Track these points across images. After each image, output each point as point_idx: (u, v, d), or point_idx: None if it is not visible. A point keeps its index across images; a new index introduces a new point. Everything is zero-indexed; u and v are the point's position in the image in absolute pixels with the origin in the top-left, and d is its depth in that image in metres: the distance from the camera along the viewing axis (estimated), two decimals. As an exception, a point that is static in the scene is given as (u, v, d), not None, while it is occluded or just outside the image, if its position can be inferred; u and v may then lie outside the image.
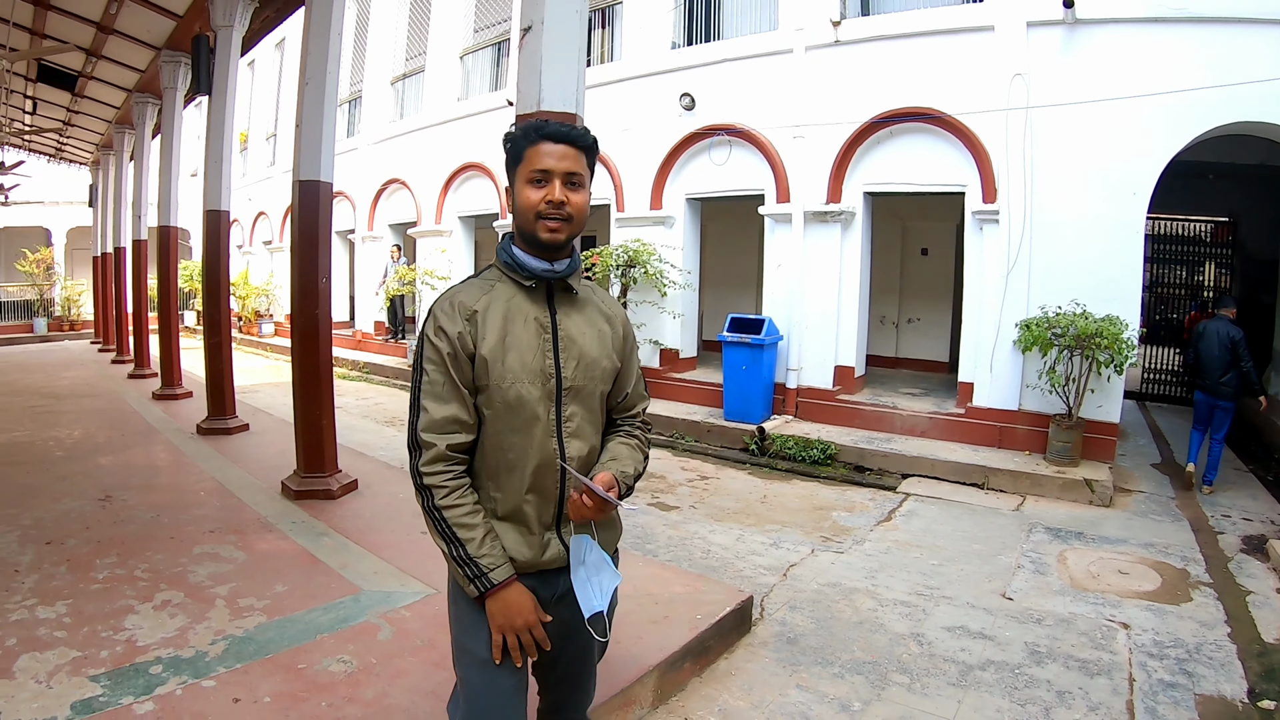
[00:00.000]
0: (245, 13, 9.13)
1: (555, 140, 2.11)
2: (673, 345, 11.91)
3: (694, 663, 3.71)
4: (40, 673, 3.50)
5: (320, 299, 6.24)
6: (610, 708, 3.20)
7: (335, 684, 3.38)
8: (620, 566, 4.22)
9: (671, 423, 10.29)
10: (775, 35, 10.62)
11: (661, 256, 11.41)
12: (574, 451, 2.17)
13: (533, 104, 3.79)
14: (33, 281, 27.64)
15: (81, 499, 6.21)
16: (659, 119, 11.71)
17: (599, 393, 2.24)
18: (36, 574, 4.64)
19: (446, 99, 16.57)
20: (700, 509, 7.06)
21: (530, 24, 3.80)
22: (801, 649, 4.15)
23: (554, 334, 2.18)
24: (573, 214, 2.12)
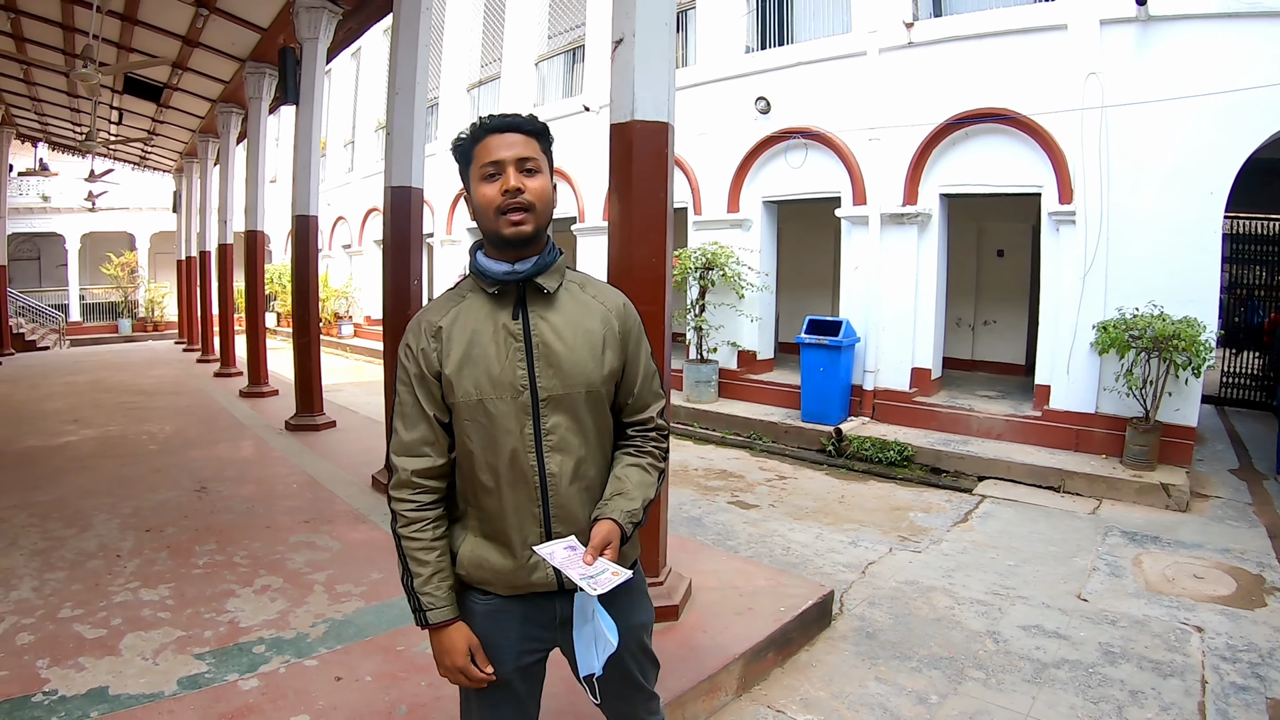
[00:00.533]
0: (329, 25, 9.48)
1: (500, 131, 2.05)
2: (750, 347, 12.02)
3: (777, 653, 3.87)
4: (146, 650, 3.77)
5: (412, 301, 6.50)
6: (697, 694, 3.38)
7: (432, 665, 3.50)
8: (704, 560, 4.53)
9: (749, 423, 10.41)
10: (849, 38, 10.67)
11: (739, 259, 11.52)
12: (555, 467, 2.06)
13: (626, 113, 3.99)
14: (117, 284, 29.03)
15: (177, 490, 6.62)
16: (734, 122, 11.82)
17: (588, 399, 2.10)
18: (138, 559, 5.01)
19: (523, 105, 16.68)
20: (779, 508, 7.22)
21: (621, 36, 4.01)
22: (880, 643, 4.29)
23: (526, 342, 2.07)
24: (534, 201, 2.02)
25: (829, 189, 11.03)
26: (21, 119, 19.88)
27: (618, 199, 4.12)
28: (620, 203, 4.09)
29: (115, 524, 5.70)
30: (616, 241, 4.15)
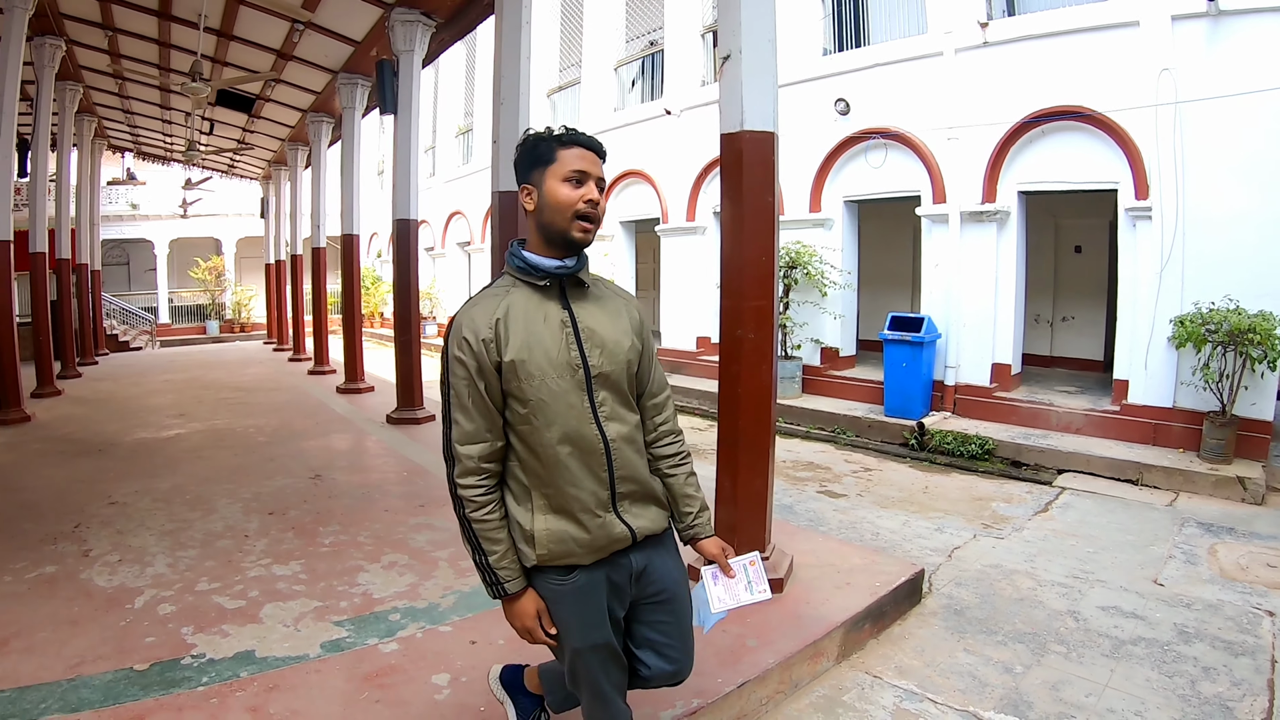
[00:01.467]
0: (424, 38, 9.87)
1: (587, 148, 2.28)
2: (833, 344, 12.28)
3: (872, 625, 4.18)
4: (286, 619, 4.11)
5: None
6: (802, 657, 3.70)
7: None
8: (802, 541, 4.98)
9: (833, 418, 10.69)
10: (924, 39, 10.85)
11: (822, 257, 11.76)
12: (613, 433, 2.31)
13: (736, 124, 4.29)
14: (205, 287, 30.17)
15: (293, 477, 7.07)
16: (814, 124, 12.05)
17: (627, 375, 2.37)
18: (265, 539, 5.43)
19: (603, 109, 17.14)
20: (866, 497, 7.55)
21: (729, 53, 4.30)
22: (967, 619, 4.59)
23: (574, 327, 2.30)
24: (600, 216, 2.31)
25: (908, 188, 11.20)
26: (113, 131, 20.78)
27: (729, 203, 4.42)
28: (731, 206, 4.40)
29: (238, 508, 6.15)
30: (729, 242, 4.45)
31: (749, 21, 4.27)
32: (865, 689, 3.78)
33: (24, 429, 9.89)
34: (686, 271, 15.17)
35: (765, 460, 4.38)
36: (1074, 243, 12.77)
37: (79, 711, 3.28)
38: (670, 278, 15.76)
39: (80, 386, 14.22)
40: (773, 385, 4.42)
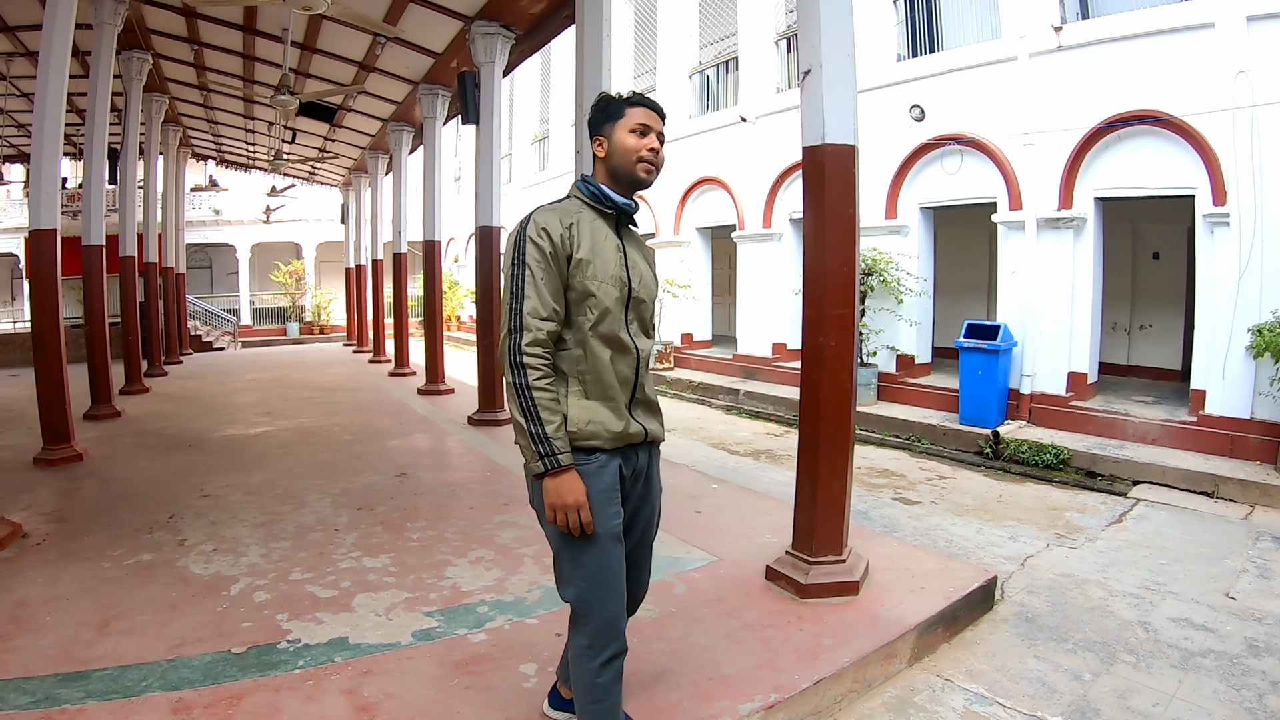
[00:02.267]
0: (504, 49, 10.09)
1: (650, 108, 2.70)
2: (908, 351, 12.31)
3: (945, 629, 4.27)
4: (378, 608, 4.27)
5: None
6: (876, 658, 3.80)
7: (643, 626, 3.94)
8: (877, 545, 5.23)
9: (908, 425, 10.74)
10: (998, 43, 10.84)
11: (898, 264, 11.83)
12: (643, 346, 2.71)
13: (817, 138, 4.43)
14: (285, 290, 31.03)
15: (379, 474, 7.30)
16: (890, 130, 12.09)
17: (651, 306, 2.78)
18: (355, 532, 5.61)
19: (679, 116, 17.23)
20: (940, 505, 7.63)
21: (810, 67, 4.43)
22: (1038, 627, 4.64)
23: (624, 253, 2.69)
24: (660, 163, 2.73)
25: (984, 194, 11.20)
26: (197, 140, 21.67)
27: (811, 214, 4.56)
28: (814, 217, 4.54)
29: (327, 502, 6.38)
30: (811, 252, 4.58)
31: (829, 37, 4.39)
32: (936, 691, 3.86)
33: (115, 424, 10.35)
34: (763, 278, 15.23)
35: (844, 464, 4.52)
36: (1152, 249, 12.59)
37: (180, 690, 3.48)
38: (746, 284, 15.83)
39: (167, 384, 14.78)
40: (853, 391, 4.54)
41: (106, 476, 7.51)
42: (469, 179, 25.72)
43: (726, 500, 6.46)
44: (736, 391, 14.12)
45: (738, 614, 4.13)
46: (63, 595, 4.59)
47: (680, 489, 6.65)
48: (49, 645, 3.95)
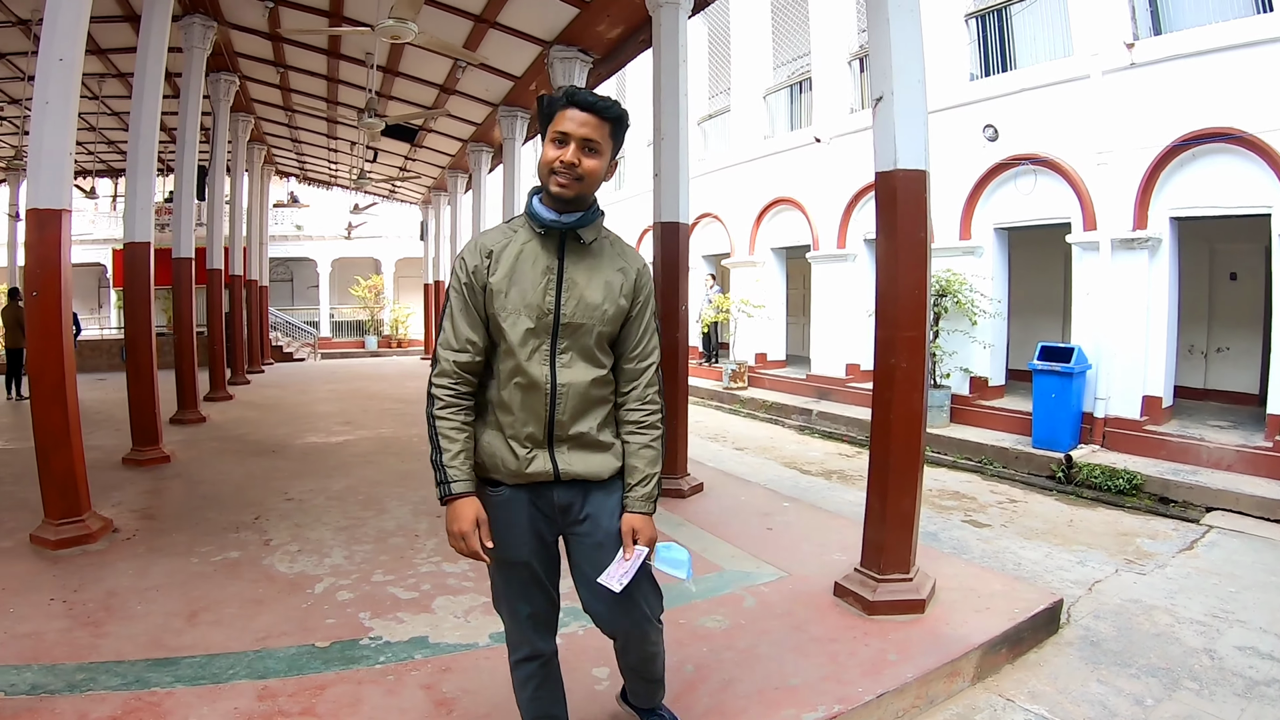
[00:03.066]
0: (582, 73, 10.33)
1: (581, 108, 2.42)
2: (982, 373, 12.23)
3: (1009, 650, 4.32)
4: (457, 610, 4.44)
5: (680, 324, 7.23)
6: (939, 674, 3.88)
7: (713, 635, 4.16)
8: (945, 565, 5.26)
9: (980, 448, 10.70)
10: (1070, 61, 10.80)
11: (972, 286, 11.78)
12: (565, 379, 2.52)
13: (890, 163, 4.55)
14: (364, 304, 31.63)
15: None
16: (963, 150, 12.08)
17: (598, 332, 2.55)
18: (435, 538, 5.76)
19: (753, 137, 17.41)
20: (1010, 528, 7.65)
21: (881, 94, 4.57)
22: (1102, 651, 4.66)
23: (559, 276, 2.51)
24: (584, 175, 2.43)
25: (1058, 214, 11.13)
26: (281, 158, 22.53)
27: (884, 238, 4.68)
28: (886, 241, 4.66)
29: (407, 509, 6.55)
30: (883, 275, 4.69)
31: (900, 64, 4.52)
32: (997, 710, 3.90)
33: (200, 428, 10.81)
34: (837, 298, 15.24)
35: (914, 483, 4.61)
36: (1229, 269, 12.32)
37: (265, 679, 3.68)
38: (820, 305, 15.84)
39: (249, 392, 15.30)
40: (923, 412, 4.63)
41: (192, 478, 7.87)
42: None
43: (797, 518, 6.56)
44: (810, 412, 14.15)
45: (805, 628, 4.25)
46: (152, 587, 4.88)
47: (752, 506, 6.82)
48: (139, 633, 4.20)
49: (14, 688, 3.59)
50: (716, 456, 10.08)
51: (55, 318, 5.79)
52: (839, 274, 15.24)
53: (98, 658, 3.91)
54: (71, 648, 4.04)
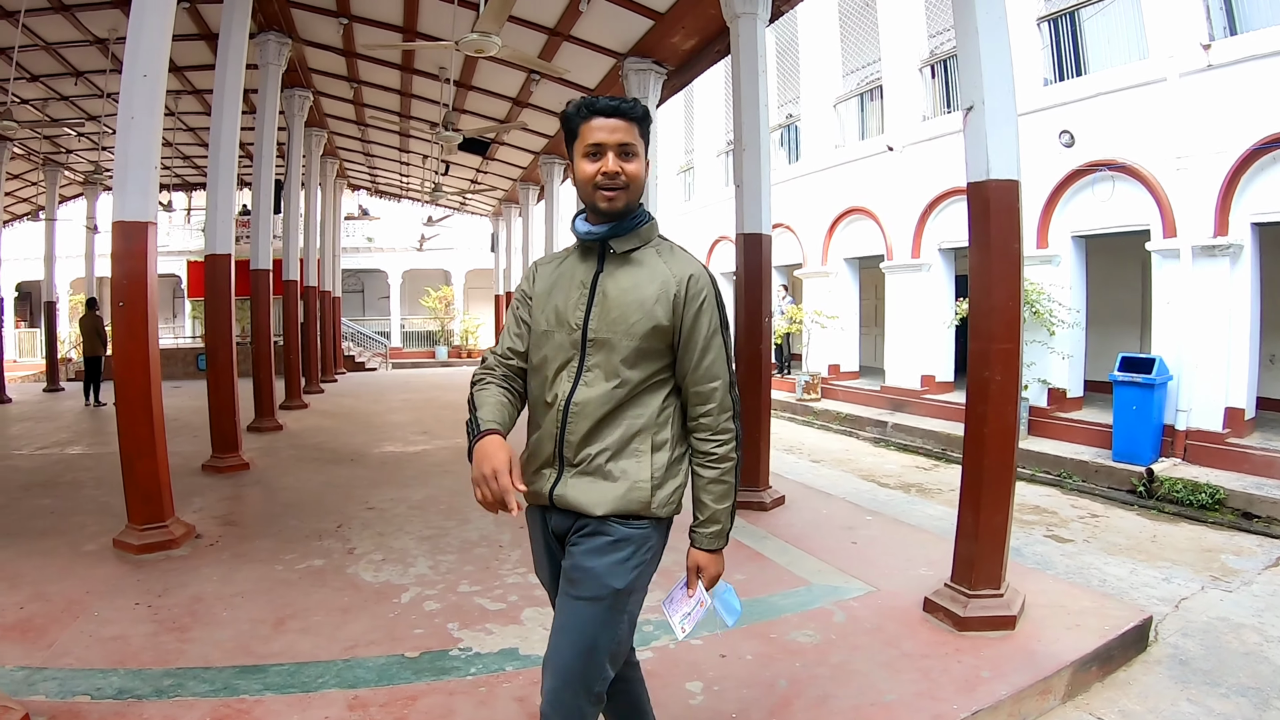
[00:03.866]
0: (656, 85, 10.51)
1: (606, 115, 2.31)
2: (1060, 385, 12.09)
3: (1099, 668, 4.33)
4: (545, 622, 4.24)
5: (764, 335, 7.32)
6: (1031, 692, 3.90)
7: (804, 650, 4.18)
8: (1033, 582, 5.30)
9: (1059, 462, 10.58)
10: (1146, 64, 10.68)
11: (1050, 295, 11.66)
12: (581, 398, 2.35)
13: (981, 173, 4.58)
14: (434, 315, 32.27)
15: None
16: (1038, 157, 11.88)
17: (629, 348, 2.33)
18: (519, 549, 5.73)
19: (824, 146, 17.40)
20: (1093, 543, 7.62)
21: (972, 104, 4.60)
22: (1191, 670, 4.65)
23: (591, 290, 2.39)
24: (628, 182, 2.33)
25: (1137, 221, 11.00)
26: (352, 171, 23.08)
27: (976, 250, 4.70)
28: (978, 252, 4.68)
29: (489, 520, 6.46)
30: (976, 287, 4.72)
31: (990, 74, 4.56)
32: None
33: (277, 436, 11.11)
34: (911, 309, 15.17)
35: (1006, 498, 4.64)
36: (1313, 276, 12.01)
37: (356, 688, 3.73)
38: (895, 315, 15.78)
39: (324, 401, 15.64)
40: (1016, 425, 4.66)
41: (272, 485, 8.09)
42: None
43: (880, 532, 6.59)
44: (884, 424, 14.12)
45: (896, 643, 4.29)
46: (238, 593, 5.01)
47: (834, 520, 6.87)
48: (226, 639, 4.30)
49: (100, 691, 3.70)
50: (794, 469, 10.13)
51: (142, 327, 5.96)
52: (913, 284, 15.17)
53: (185, 663, 4.01)
54: (158, 652, 4.14)
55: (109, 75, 12.76)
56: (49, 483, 8.27)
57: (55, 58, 12.57)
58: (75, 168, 20.37)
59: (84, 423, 13.27)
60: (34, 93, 13.73)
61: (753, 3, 7.46)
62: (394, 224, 33.24)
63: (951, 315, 13.70)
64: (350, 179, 24.64)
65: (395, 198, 26.50)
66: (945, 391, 14.75)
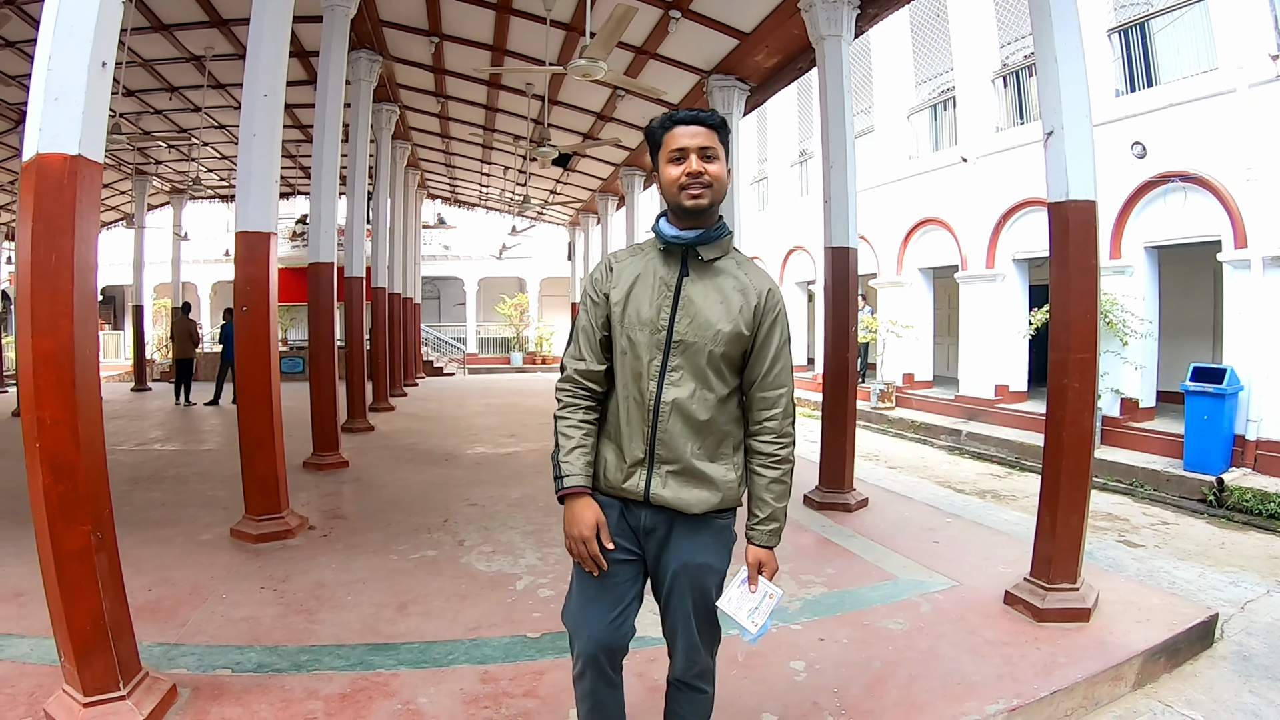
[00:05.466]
0: (740, 101, 10.86)
1: (687, 124, 2.46)
2: (1132, 395, 12.17)
3: (1167, 660, 4.58)
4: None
5: (850, 344, 7.57)
6: (1104, 678, 4.18)
7: (894, 636, 4.48)
8: (1105, 580, 5.63)
9: (1131, 471, 10.73)
10: (1216, 76, 10.77)
11: (1123, 306, 11.75)
12: (669, 396, 2.47)
13: (1061, 194, 4.86)
14: (510, 321, 32.83)
15: None
16: (1110, 169, 11.95)
17: (712, 352, 2.47)
18: None
19: (898, 157, 17.54)
20: (1163, 549, 7.83)
21: (1052, 129, 4.89)
22: (1255, 666, 4.83)
23: (676, 293, 2.49)
24: (711, 181, 2.45)
25: (1208, 232, 11.06)
26: (433, 183, 23.84)
27: (1056, 266, 4.98)
28: (1058, 267, 4.96)
29: None
30: (1056, 300, 4.99)
31: (1068, 100, 4.85)
32: (1156, 714, 4.14)
33: (369, 437, 11.58)
34: (985, 319, 15.24)
35: (1082, 499, 4.92)
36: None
37: (484, 664, 4.02)
38: (969, 325, 15.86)
39: (408, 404, 16.14)
40: (1093, 430, 4.95)
41: (373, 482, 8.48)
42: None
43: (960, 533, 6.86)
44: (958, 432, 14.28)
45: (979, 632, 4.60)
46: (357, 580, 5.34)
47: (916, 521, 7.17)
48: (353, 620, 4.62)
49: (240, 665, 4.00)
50: (872, 474, 10.34)
51: (263, 330, 6.36)
52: (987, 294, 15.26)
53: (317, 641, 4.31)
54: (289, 631, 4.46)
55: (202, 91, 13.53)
56: (154, 477, 8.75)
57: (151, 74, 13.22)
58: (164, 177, 21.29)
59: (176, 421, 13.92)
60: (128, 106, 14.29)
61: (838, 24, 7.75)
62: (471, 232, 34.10)
63: (1026, 325, 13.80)
64: (430, 189, 25.37)
65: (472, 207, 27.25)
66: (1019, 401, 14.85)
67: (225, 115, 15.78)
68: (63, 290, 3.22)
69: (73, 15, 3.19)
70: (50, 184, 3.19)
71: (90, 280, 3.39)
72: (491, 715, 3.63)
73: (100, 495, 3.39)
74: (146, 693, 3.48)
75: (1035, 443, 12.12)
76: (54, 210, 3.21)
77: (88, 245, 3.34)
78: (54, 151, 3.19)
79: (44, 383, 3.19)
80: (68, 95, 3.18)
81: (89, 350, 3.35)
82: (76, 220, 3.25)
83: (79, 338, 3.26)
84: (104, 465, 3.46)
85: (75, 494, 3.23)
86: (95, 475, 3.35)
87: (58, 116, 3.18)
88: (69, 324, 3.23)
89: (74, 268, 3.24)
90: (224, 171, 20.66)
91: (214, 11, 10.90)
